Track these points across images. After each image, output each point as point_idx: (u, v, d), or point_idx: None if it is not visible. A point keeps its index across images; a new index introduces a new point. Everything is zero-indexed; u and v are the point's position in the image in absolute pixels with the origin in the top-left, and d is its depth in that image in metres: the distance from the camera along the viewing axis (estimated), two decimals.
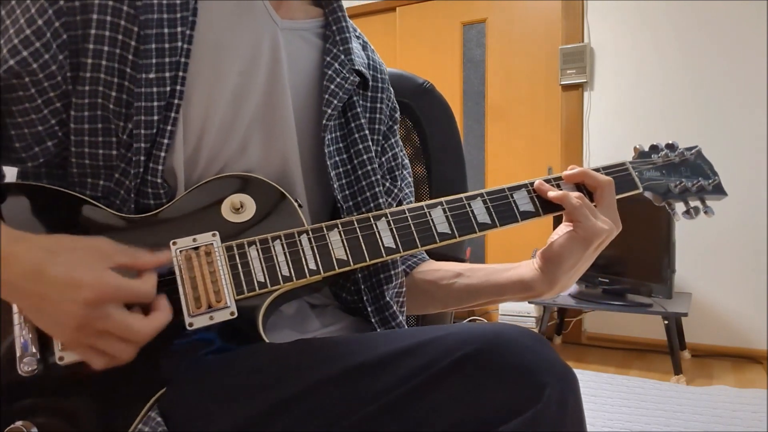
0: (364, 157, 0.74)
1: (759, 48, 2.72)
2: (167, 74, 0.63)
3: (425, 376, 0.49)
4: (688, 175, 0.78)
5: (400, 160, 0.83)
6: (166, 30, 0.63)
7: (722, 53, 2.80)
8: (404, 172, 0.85)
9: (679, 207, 0.78)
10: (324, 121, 0.71)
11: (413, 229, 0.67)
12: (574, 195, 0.69)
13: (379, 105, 0.79)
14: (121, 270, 0.55)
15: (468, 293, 0.79)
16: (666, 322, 2.54)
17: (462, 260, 0.99)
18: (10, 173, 0.68)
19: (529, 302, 2.90)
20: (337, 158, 0.73)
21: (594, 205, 0.70)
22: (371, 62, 0.81)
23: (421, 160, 1.00)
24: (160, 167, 0.63)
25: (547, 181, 0.73)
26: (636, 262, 2.67)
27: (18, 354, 0.55)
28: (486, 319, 3.22)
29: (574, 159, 3.13)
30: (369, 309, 0.72)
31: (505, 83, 3.34)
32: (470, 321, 3.16)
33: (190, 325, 0.58)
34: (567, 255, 0.69)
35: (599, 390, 2.42)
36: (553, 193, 0.70)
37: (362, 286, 0.72)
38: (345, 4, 0.79)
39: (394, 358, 0.51)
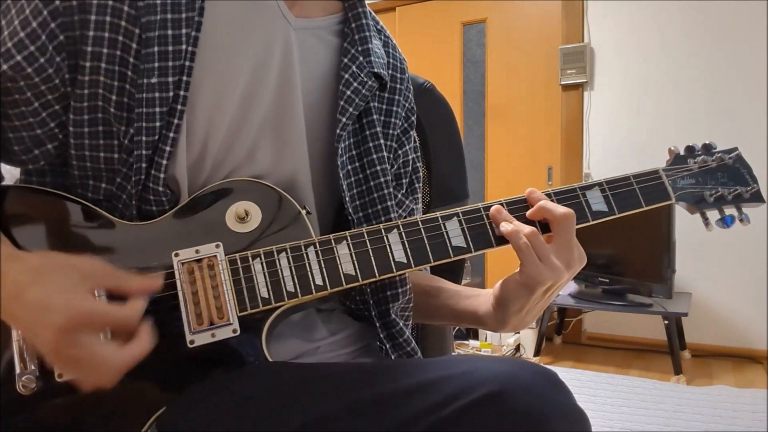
0: (378, 168, 0.70)
1: (759, 47, 2.72)
2: (170, 79, 0.59)
3: (437, 417, 0.48)
4: (724, 181, 0.72)
5: (411, 167, 0.79)
6: (169, 31, 0.60)
7: (723, 53, 2.79)
8: (413, 178, 0.80)
9: (713, 215, 0.73)
10: (338, 131, 0.67)
11: (426, 242, 0.63)
12: (525, 233, 0.62)
13: (394, 108, 0.74)
14: (110, 293, 0.53)
15: (430, 313, 0.79)
16: (666, 322, 2.54)
17: (461, 260, 0.98)
18: (8, 174, 0.66)
19: None
20: (349, 167, 0.70)
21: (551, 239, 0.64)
22: (391, 60, 0.75)
23: (421, 160, 0.99)
24: (161, 174, 0.60)
25: (513, 203, 0.66)
26: (636, 262, 2.67)
27: (17, 371, 0.54)
28: None
29: (574, 159, 3.13)
30: (377, 324, 0.70)
31: (505, 83, 3.34)
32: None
33: (191, 342, 0.56)
34: (512, 299, 0.65)
35: (599, 390, 2.42)
36: (504, 228, 0.63)
37: (371, 300, 0.70)
38: None
39: (406, 395, 0.50)
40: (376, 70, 0.70)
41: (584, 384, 2.48)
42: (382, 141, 0.71)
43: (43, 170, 0.65)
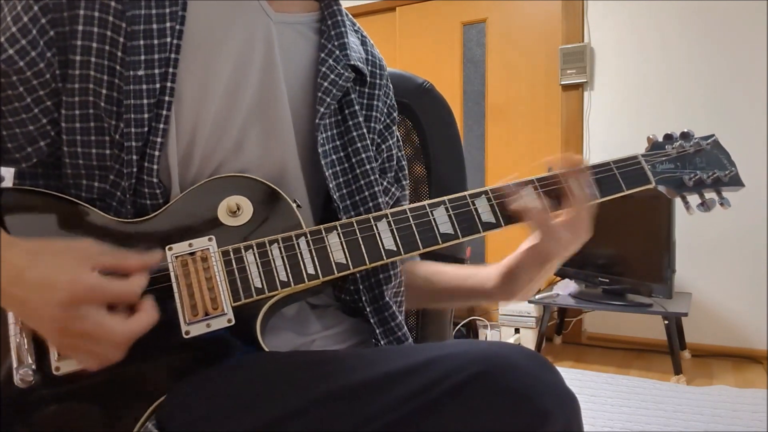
0: (363, 156, 0.72)
1: (759, 47, 2.72)
2: (156, 71, 0.61)
3: (426, 399, 0.48)
4: (703, 166, 0.74)
5: (395, 162, 0.80)
6: (154, 26, 0.62)
7: (723, 53, 2.79)
8: (399, 176, 0.81)
9: (693, 199, 0.74)
10: (317, 120, 0.69)
11: (415, 230, 0.65)
12: (537, 210, 0.65)
13: (375, 102, 0.77)
14: (108, 271, 0.53)
15: (432, 298, 0.81)
16: (666, 322, 2.53)
17: (462, 260, 0.98)
18: (7, 174, 0.67)
19: (529, 302, 2.91)
20: (333, 157, 0.71)
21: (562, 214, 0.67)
22: (370, 57, 0.78)
23: (421, 160, 0.99)
24: (155, 166, 0.62)
25: (523, 184, 0.69)
26: (636, 262, 2.67)
27: (15, 365, 0.55)
28: (486, 319, 3.22)
29: None
30: (367, 309, 0.71)
31: (505, 83, 3.34)
32: (470, 320, 3.16)
33: (187, 333, 0.57)
34: (524, 271, 0.69)
35: (599, 390, 2.42)
36: (515, 205, 0.66)
37: (360, 286, 0.71)
38: (345, 4, 0.77)
39: (395, 378, 0.51)
40: (352, 62, 0.72)
41: (584, 384, 2.48)
42: (365, 131, 0.73)
43: (36, 173, 0.66)
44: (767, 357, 2.71)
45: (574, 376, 2.57)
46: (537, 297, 2.86)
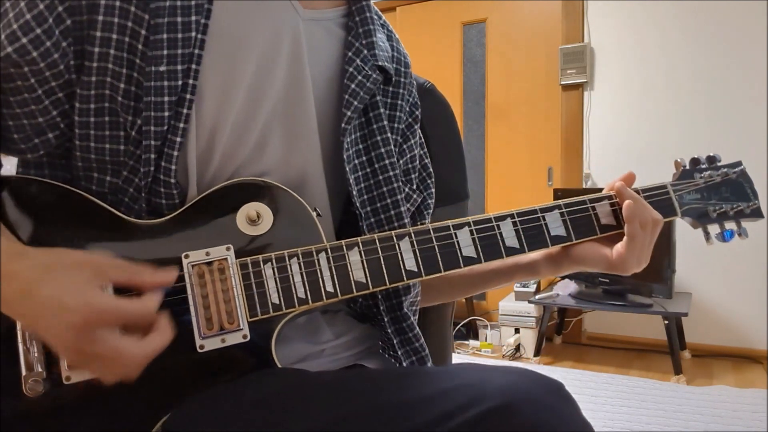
0: (386, 162, 0.69)
1: (759, 46, 2.72)
2: (179, 67, 0.58)
3: (442, 430, 0.47)
4: (728, 196, 0.75)
5: (418, 162, 0.78)
6: (179, 18, 0.59)
7: (723, 52, 2.79)
8: (424, 175, 0.80)
9: (713, 228, 0.75)
10: (343, 125, 0.66)
11: (437, 251, 0.64)
12: (640, 224, 0.67)
13: (399, 102, 0.74)
14: (122, 287, 0.52)
15: (472, 284, 0.79)
16: (666, 322, 2.54)
17: None
18: (11, 161, 0.64)
19: (529, 302, 2.91)
20: (356, 161, 0.69)
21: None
22: (395, 54, 0.75)
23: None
24: (173, 166, 0.59)
25: (601, 199, 0.71)
26: None
27: (23, 373, 0.54)
28: (486, 320, 3.22)
29: (574, 159, 3.13)
30: (385, 319, 0.69)
31: (505, 83, 3.34)
32: (470, 320, 3.16)
33: (201, 347, 0.56)
34: (589, 266, 0.70)
35: (599, 390, 2.42)
36: (629, 211, 0.67)
37: (378, 295, 0.69)
38: None
39: (409, 407, 0.49)
40: (380, 63, 0.69)
41: (584, 384, 2.48)
42: (389, 135, 0.71)
43: (41, 163, 0.63)
44: (767, 357, 2.71)
45: (574, 376, 2.57)
46: (537, 297, 2.86)
